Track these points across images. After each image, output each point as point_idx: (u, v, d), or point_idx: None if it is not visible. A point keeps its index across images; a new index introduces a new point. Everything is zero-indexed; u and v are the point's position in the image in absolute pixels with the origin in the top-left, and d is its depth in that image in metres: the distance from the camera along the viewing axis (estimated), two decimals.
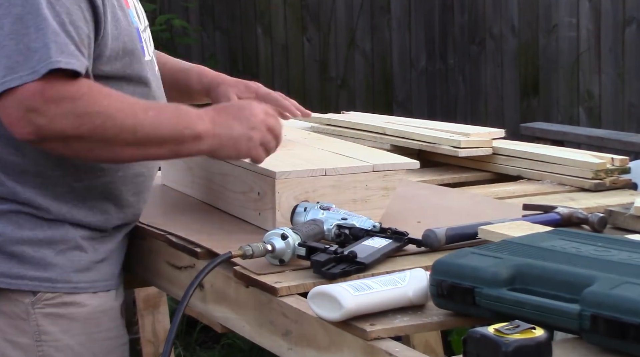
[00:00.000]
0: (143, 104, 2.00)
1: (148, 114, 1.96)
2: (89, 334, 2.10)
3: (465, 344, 1.44)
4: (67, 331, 2.08)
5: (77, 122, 1.89)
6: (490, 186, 2.66)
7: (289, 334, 1.79)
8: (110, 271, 2.16)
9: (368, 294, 1.64)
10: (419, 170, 2.53)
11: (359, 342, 1.62)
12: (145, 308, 3.58)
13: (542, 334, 1.42)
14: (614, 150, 4.36)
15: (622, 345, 1.46)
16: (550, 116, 5.98)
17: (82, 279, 2.09)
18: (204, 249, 2.06)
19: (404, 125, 3.01)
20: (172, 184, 2.59)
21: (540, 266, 1.61)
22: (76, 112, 1.89)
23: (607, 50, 5.69)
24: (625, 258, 1.64)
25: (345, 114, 3.41)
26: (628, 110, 5.64)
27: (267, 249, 1.89)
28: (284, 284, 1.83)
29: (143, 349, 3.60)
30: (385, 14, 6.73)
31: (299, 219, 2.06)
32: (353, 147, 2.47)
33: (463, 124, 3.27)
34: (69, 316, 2.08)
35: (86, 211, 2.09)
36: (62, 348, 2.07)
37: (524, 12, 6.09)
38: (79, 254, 2.09)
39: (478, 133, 2.84)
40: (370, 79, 6.81)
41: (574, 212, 2.16)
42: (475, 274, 1.62)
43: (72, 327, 2.08)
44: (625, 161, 2.59)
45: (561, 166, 2.62)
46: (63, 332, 2.07)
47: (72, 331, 2.08)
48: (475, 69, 6.43)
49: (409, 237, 1.99)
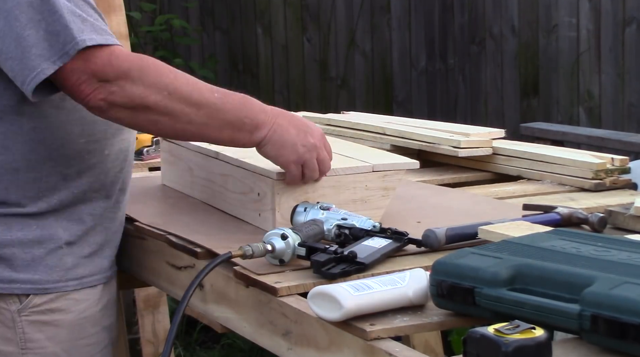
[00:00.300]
0: (209, 85, 2.02)
1: (213, 95, 1.99)
2: (73, 341, 2.10)
3: (465, 344, 1.44)
4: (52, 338, 2.07)
5: (145, 91, 1.93)
6: (490, 186, 2.66)
7: (289, 334, 1.79)
8: (100, 264, 2.15)
9: (368, 294, 1.64)
10: (419, 170, 2.53)
11: (359, 342, 1.62)
12: (145, 308, 3.58)
13: (542, 334, 1.42)
14: (614, 150, 4.36)
15: (622, 345, 1.46)
16: (550, 116, 5.98)
17: (71, 277, 2.08)
18: (204, 249, 2.06)
19: (404, 125, 3.01)
20: (172, 184, 2.59)
21: (540, 266, 1.61)
22: (144, 81, 1.93)
23: (607, 50, 5.69)
24: (625, 258, 1.64)
25: (345, 114, 3.41)
26: (628, 110, 5.64)
27: (267, 249, 1.89)
28: (284, 284, 1.83)
29: (143, 349, 3.60)
30: (385, 14, 6.73)
31: (299, 219, 2.06)
32: (353, 147, 2.47)
33: (463, 124, 3.27)
34: (55, 323, 2.08)
35: (78, 196, 2.09)
36: (48, 355, 2.07)
37: (524, 12, 6.10)
38: (69, 250, 2.08)
39: (478, 133, 2.84)
40: (370, 79, 6.81)
41: (574, 212, 2.16)
42: (475, 274, 1.61)
43: (57, 334, 2.08)
44: (625, 161, 2.59)
45: (561, 166, 2.62)
46: (48, 339, 2.07)
47: (57, 338, 2.08)
48: (475, 69, 6.44)
49: (409, 237, 1.99)
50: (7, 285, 2.03)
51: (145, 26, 6.60)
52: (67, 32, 1.90)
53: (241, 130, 2.02)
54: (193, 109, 1.96)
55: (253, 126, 2.02)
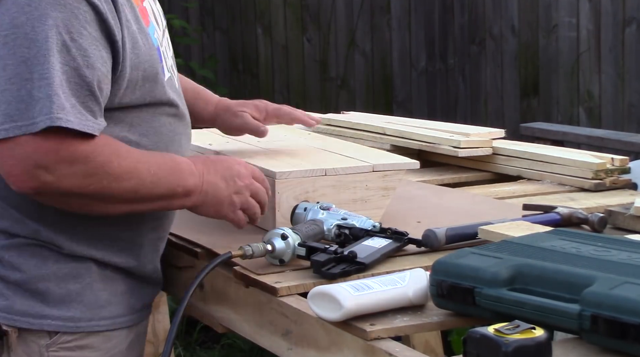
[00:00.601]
0: (146, 161, 1.94)
1: (150, 173, 1.93)
2: None
3: (465, 344, 1.44)
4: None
5: (84, 182, 1.85)
6: (490, 186, 2.67)
7: (289, 334, 1.79)
8: (133, 304, 2.07)
9: (368, 294, 1.64)
10: (419, 171, 2.53)
11: (359, 342, 1.62)
12: None
13: (542, 334, 1.42)
14: (614, 150, 4.36)
15: (622, 345, 1.46)
16: (550, 116, 5.98)
17: (104, 315, 2.01)
18: (204, 249, 2.06)
19: (404, 125, 3.01)
20: None
21: (540, 266, 1.61)
22: (86, 173, 1.85)
23: (607, 51, 5.69)
24: (625, 258, 1.64)
25: (345, 114, 3.41)
26: (628, 110, 5.64)
27: (267, 249, 1.89)
28: (284, 284, 1.83)
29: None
30: (385, 14, 6.73)
31: (299, 219, 2.06)
32: (353, 147, 2.47)
33: (463, 124, 3.27)
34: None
35: (107, 245, 2.01)
36: None
37: (524, 12, 6.09)
38: (104, 286, 2.01)
39: (478, 133, 2.84)
40: (370, 79, 6.81)
41: (574, 212, 2.16)
42: (475, 274, 1.62)
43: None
44: (625, 161, 2.59)
45: (561, 166, 2.62)
46: None
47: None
48: (475, 69, 6.43)
49: (409, 237, 1.99)
50: (38, 320, 1.96)
51: None
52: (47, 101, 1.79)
53: (174, 198, 1.98)
54: (130, 193, 1.91)
55: (185, 193, 1.98)
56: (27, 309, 1.95)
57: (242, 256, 1.88)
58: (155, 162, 1.95)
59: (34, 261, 1.95)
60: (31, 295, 1.95)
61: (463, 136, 2.80)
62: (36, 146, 1.80)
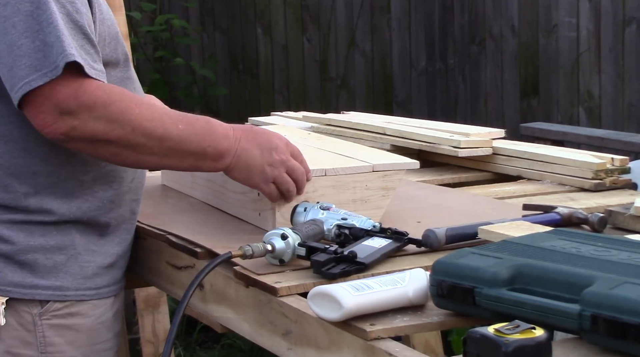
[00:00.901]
0: (174, 115, 2.03)
1: (177, 127, 2.00)
2: (91, 346, 2.12)
3: (465, 344, 1.44)
4: (71, 342, 2.08)
5: (108, 127, 1.93)
6: (490, 186, 2.66)
7: (289, 334, 1.79)
8: (115, 275, 2.17)
9: (368, 294, 1.64)
10: (419, 170, 2.53)
11: (359, 342, 1.62)
12: (145, 308, 3.58)
13: (542, 334, 1.42)
14: (614, 150, 4.36)
15: (622, 345, 1.46)
16: (550, 116, 5.98)
17: (90, 286, 2.10)
18: (204, 249, 2.06)
19: (404, 125, 3.01)
20: (172, 184, 2.59)
21: (540, 266, 1.61)
22: (108, 117, 1.93)
23: (607, 51, 5.69)
24: (625, 258, 1.64)
25: (345, 114, 3.41)
26: (628, 110, 5.64)
27: (267, 249, 1.89)
28: (284, 284, 1.83)
29: (143, 349, 3.60)
30: (385, 14, 6.73)
31: (299, 219, 2.06)
32: (353, 147, 2.47)
33: (463, 124, 3.27)
34: (74, 327, 2.08)
35: (95, 204, 2.10)
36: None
37: (524, 12, 6.10)
38: (89, 258, 2.10)
39: (478, 133, 2.84)
40: (370, 79, 6.81)
41: (574, 212, 2.16)
42: (475, 274, 1.61)
43: (76, 339, 2.09)
44: (625, 161, 2.59)
45: (561, 166, 2.62)
46: (68, 343, 2.07)
47: (76, 342, 2.09)
48: (475, 69, 6.44)
49: (409, 237, 1.99)
50: (29, 290, 2.04)
51: (145, 26, 6.60)
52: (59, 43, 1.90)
53: (204, 159, 2.04)
54: (156, 142, 1.97)
55: (216, 155, 2.04)
56: (19, 280, 2.03)
57: (242, 256, 1.88)
58: (185, 120, 2.03)
59: (22, 234, 2.03)
60: (20, 267, 2.03)
61: (463, 136, 2.80)
62: (58, 93, 1.90)
